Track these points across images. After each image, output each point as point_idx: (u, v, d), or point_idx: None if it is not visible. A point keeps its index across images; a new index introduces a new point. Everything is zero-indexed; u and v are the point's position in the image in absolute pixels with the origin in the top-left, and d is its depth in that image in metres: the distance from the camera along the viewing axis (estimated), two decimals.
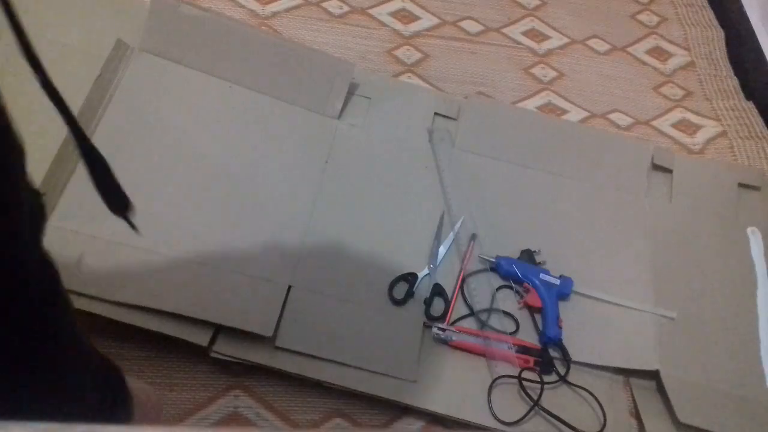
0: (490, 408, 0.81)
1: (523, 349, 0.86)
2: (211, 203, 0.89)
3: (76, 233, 0.83)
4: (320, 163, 0.96)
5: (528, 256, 0.92)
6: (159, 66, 0.98)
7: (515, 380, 0.82)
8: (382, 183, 0.97)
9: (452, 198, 0.97)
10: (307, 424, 0.78)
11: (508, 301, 0.91)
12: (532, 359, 0.85)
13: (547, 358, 0.85)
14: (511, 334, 0.87)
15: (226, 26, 1.01)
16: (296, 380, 0.79)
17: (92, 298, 0.78)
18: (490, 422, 0.80)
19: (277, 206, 0.91)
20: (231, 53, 1.00)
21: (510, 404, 0.82)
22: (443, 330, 0.84)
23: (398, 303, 0.87)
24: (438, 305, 0.87)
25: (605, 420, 0.82)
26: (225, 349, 0.78)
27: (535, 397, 0.81)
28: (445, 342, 0.84)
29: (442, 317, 0.86)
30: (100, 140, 0.90)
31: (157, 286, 0.81)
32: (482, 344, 0.85)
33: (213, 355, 0.77)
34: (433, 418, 0.80)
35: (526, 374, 0.83)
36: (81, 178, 0.87)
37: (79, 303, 0.76)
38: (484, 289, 0.91)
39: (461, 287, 0.89)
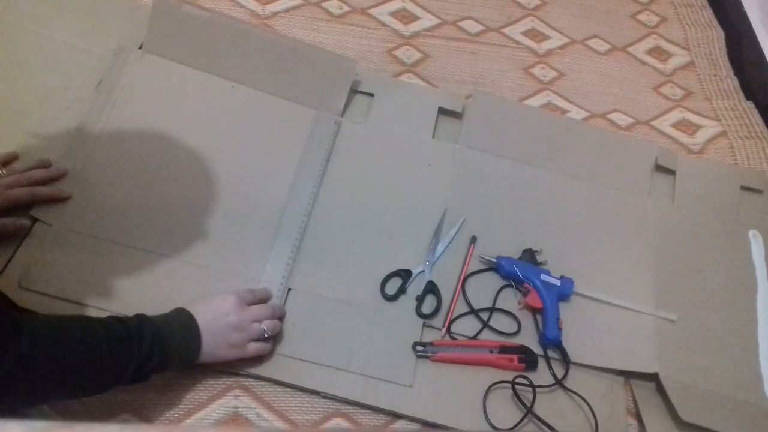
0: (485, 415, 0.80)
1: (505, 349, 0.85)
2: (212, 203, 0.89)
3: (78, 234, 0.83)
4: (322, 161, 0.96)
5: (530, 255, 0.92)
6: (162, 66, 0.99)
7: (511, 385, 0.82)
8: (385, 180, 0.97)
9: (454, 196, 0.97)
10: (307, 424, 0.77)
11: (508, 301, 0.91)
12: (515, 357, 0.84)
13: (529, 352, 0.85)
14: (512, 335, 0.87)
15: (228, 26, 1.01)
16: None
17: (89, 307, 0.78)
18: (486, 429, 0.79)
19: (278, 205, 0.91)
20: (233, 52, 1.00)
21: (506, 410, 0.81)
22: (423, 346, 0.83)
23: (390, 299, 0.87)
24: (430, 303, 0.87)
25: (597, 425, 0.81)
26: None
27: (532, 401, 0.81)
28: (427, 357, 0.83)
29: (433, 314, 0.86)
30: (105, 143, 0.90)
31: (156, 291, 0.81)
32: (464, 354, 0.84)
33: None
34: (430, 424, 0.80)
35: (522, 379, 0.83)
36: (82, 179, 0.87)
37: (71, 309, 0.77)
38: (484, 289, 0.91)
39: (462, 288, 0.89)
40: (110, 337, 0.65)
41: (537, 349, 0.86)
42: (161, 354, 0.68)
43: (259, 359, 0.78)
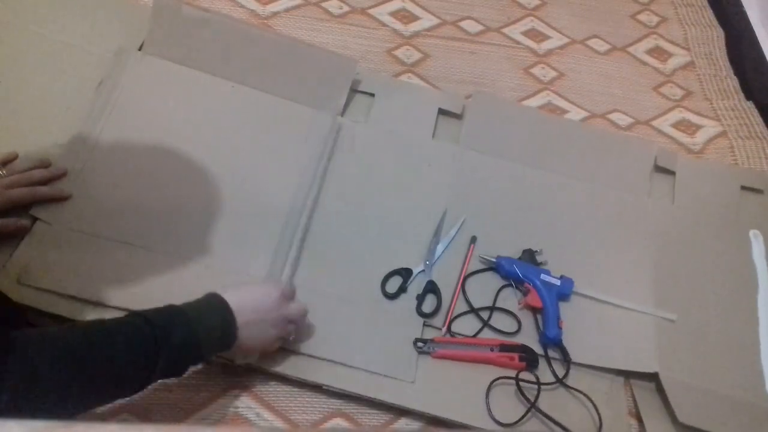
0: (489, 410, 0.81)
1: (506, 348, 0.85)
2: (213, 203, 0.89)
3: (78, 233, 0.83)
4: (323, 161, 0.96)
5: (530, 255, 0.92)
6: (162, 67, 0.99)
7: (514, 381, 0.82)
8: (385, 180, 0.97)
9: (454, 196, 0.97)
10: (307, 424, 0.77)
11: (508, 301, 0.91)
12: (516, 355, 0.84)
13: (530, 351, 0.85)
14: (512, 334, 0.87)
15: (227, 26, 1.02)
16: (296, 380, 0.79)
17: (88, 302, 0.78)
18: (489, 424, 0.79)
19: (278, 205, 0.91)
20: (233, 53, 1.01)
21: (509, 406, 0.81)
22: (424, 342, 0.83)
23: (390, 297, 0.87)
24: (431, 302, 0.87)
25: (601, 422, 0.82)
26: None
27: (533, 398, 0.81)
28: (428, 354, 0.83)
29: (433, 314, 0.86)
30: (105, 143, 0.90)
31: (156, 288, 0.81)
32: (465, 351, 0.84)
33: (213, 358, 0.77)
34: (433, 418, 0.80)
35: (524, 375, 0.83)
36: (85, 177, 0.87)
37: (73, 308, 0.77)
38: (484, 288, 0.91)
39: (462, 287, 0.89)
40: (129, 339, 0.62)
41: (537, 349, 0.86)
42: (194, 348, 0.66)
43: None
